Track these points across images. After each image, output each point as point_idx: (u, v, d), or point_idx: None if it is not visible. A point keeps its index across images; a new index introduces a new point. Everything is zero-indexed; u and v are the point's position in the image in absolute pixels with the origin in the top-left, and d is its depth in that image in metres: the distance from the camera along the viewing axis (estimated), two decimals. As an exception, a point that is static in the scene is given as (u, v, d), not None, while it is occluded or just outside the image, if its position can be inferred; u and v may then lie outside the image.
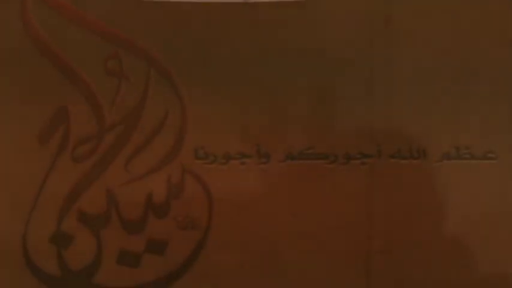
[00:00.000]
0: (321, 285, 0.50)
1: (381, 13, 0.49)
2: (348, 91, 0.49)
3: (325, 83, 0.49)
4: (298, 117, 0.50)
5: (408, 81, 0.49)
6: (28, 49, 0.49)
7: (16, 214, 0.50)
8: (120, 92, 0.50)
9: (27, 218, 0.50)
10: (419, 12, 0.49)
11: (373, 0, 0.49)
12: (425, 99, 0.49)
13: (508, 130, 0.50)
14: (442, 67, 0.49)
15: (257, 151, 0.50)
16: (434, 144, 0.49)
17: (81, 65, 0.49)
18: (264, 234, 0.50)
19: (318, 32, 0.49)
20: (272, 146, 0.50)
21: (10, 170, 0.49)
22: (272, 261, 0.50)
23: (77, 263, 0.50)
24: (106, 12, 0.49)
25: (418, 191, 0.50)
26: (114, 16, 0.49)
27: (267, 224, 0.50)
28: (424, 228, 0.50)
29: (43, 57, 0.49)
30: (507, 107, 0.49)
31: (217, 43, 0.49)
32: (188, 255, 0.50)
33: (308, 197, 0.50)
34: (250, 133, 0.50)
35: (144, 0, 0.49)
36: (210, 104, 0.49)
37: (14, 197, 0.49)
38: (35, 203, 0.49)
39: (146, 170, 0.50)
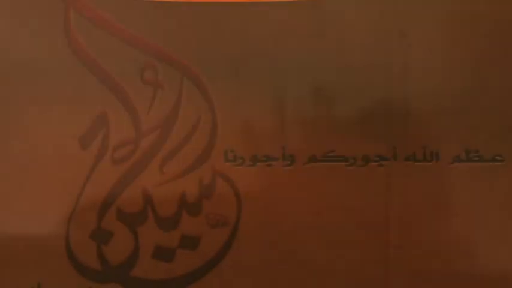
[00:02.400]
0: (342, 278, 0.53)
1: (396, 26, 0.52)
2: (365, 98, 0.52)
3: (345, 90, 0.52)
4: (319, 122, 0.52)
5: (422, 90, 0.52)
6: (71, 60, 0.52)
7: (60, 212, 0.53)
8: (156, 100, 0.53)
9: (70, 216, 0.53)
10: (433, 25, 0.52)
11: (388, 13, 0.52)
12: (439, 106, 0.52)
13: (514, 135, 0.52)
14: (455, 76, 0.52)
15: (282, 154, 0.53)
16: (446, 147, 0.52)
17: (119, 74, 0.52)
18: (289, 232, 0.53)
19: (337, 40, 0.52)
20: (296, 149, 0.53)
21: (55, 171, 0.53)
22: (297, 256, 0.53)
23: (116, 257, 0.53)
24: (139, 19, 0.52)
25: (432, 191, 0.52)
26: (147, 22, 0.52)
27: (291, 222, 0.53)
28: (437, 225, 0.52)
29: (84, 67, 0.52)
30: (514, 114, 0.52)
31: (246, 49, 0.52)
32: (218, 251, 0.53)
33: (330, 197, 0.53)
34: (276, 137, 0.53)
35: (175, 2, 0.52)
36: (239, 111, 0.53)
37: (58, 197, 0.53)
38: (77, 202, 0.53)
39: (180, 171, 0.53)
